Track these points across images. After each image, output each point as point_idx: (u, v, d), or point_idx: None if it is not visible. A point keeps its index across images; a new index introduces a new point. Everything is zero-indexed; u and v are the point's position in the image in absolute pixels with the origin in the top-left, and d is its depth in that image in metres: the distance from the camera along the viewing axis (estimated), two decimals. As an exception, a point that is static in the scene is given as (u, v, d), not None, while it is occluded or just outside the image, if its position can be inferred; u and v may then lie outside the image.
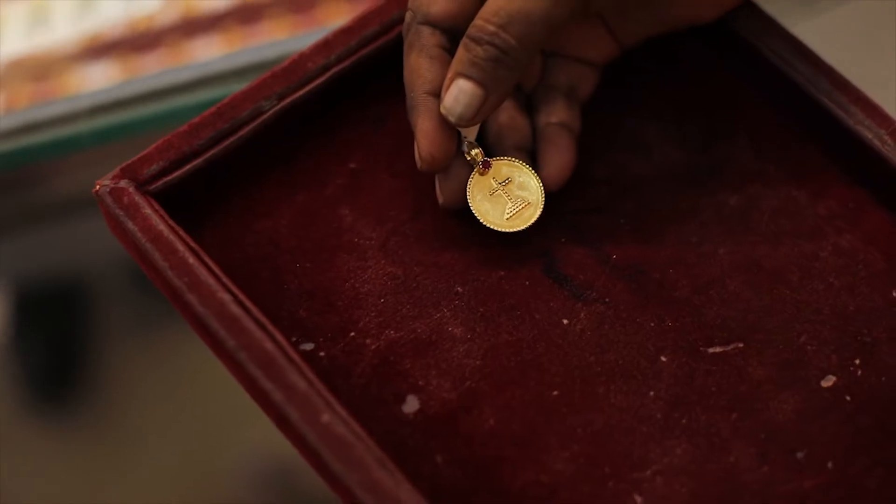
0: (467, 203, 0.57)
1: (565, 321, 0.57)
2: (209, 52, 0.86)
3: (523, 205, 0.57)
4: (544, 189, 0.58)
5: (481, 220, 0.57)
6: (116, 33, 0.87)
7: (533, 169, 0.58)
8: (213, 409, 1.35)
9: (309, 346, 0.56)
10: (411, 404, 0.55)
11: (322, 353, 0.56)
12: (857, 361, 0.56)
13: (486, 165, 0.57)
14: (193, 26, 0.88)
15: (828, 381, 0.56)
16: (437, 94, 0.56)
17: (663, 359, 0.56)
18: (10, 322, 1.42)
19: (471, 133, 0.58)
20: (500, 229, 0.57)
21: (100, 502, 1.34)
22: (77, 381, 1.40)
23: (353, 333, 0.57)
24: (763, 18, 0.62)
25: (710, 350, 0.56)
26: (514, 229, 0.57)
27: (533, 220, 0.57)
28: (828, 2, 0.84)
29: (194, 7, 0.88)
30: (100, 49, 0.87)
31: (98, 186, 0.57)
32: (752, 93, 0.62)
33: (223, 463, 1.36)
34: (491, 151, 0.59)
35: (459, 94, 0.55)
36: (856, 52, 0.77)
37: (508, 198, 0.57)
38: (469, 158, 0.57)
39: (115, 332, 1.44)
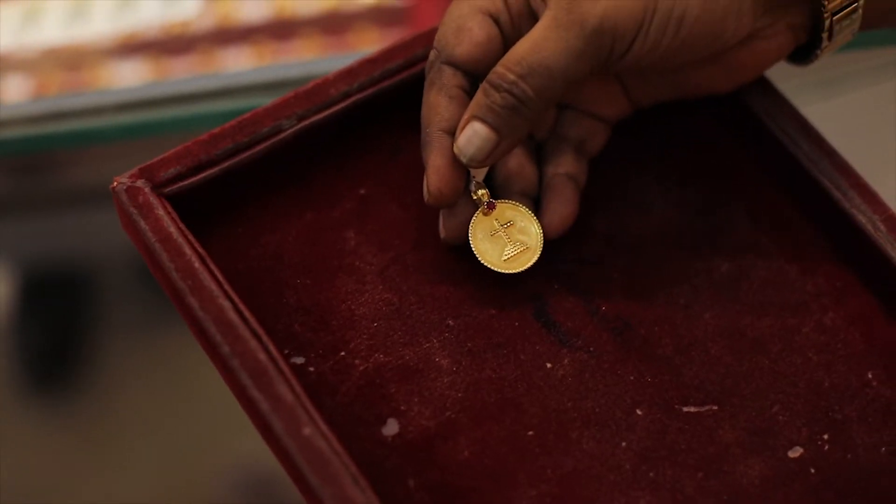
0: (468, 240, 0.59)
1: (549, 365, 0.59)
2: (239, 64, 0.88)
3: (522, 248, 0.59)
4: (544, 236, 0.60)
5: (479, 259, 0.59)
6: (152, 35, 0.89)
7: (535, 216, 0.60)
8: (204, 413, 1.36)
9: (300, 360, 0.58)
10: (391, 427, 0.57)
11: (311, 369, 0.58)
12: (826, 436, 0.58)
13: (491, 206, 0.59)
14: (227, 36, 0.90)
15: (795, 452, 0.57)
16: (451, 133, 0.58)
17: (639, 412, 0.58)
18: (15, 303, 1.44)
19: (479, 174, 0.60)
20: (496, 269, 0.59)
21: (83, 487, 1.36)
22: (74, 368, 1.42)
23: (343, 353, 0.58)
24: (774, 95, 0.64)
25: (685, 409, 0.58)
26: (510, 271, 0.59)
27: (529, 265, 0.59)
28: (843, 87, 0.86)
29: (230, 17, 0.91)
30: (134, 48, 0.89)
31: (115, 183, 0.59)
32: (756, 165, 0.64)
33: (207, 466, 1.38)
34: (497, 194, 0.61)
35: (473, 136, 0.57)
36: (863, 139, 0.79)
37: (508, 240, 0.59)
38: (475, 198, 0.59)
39: (116, 325, 1.46)
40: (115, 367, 1.45)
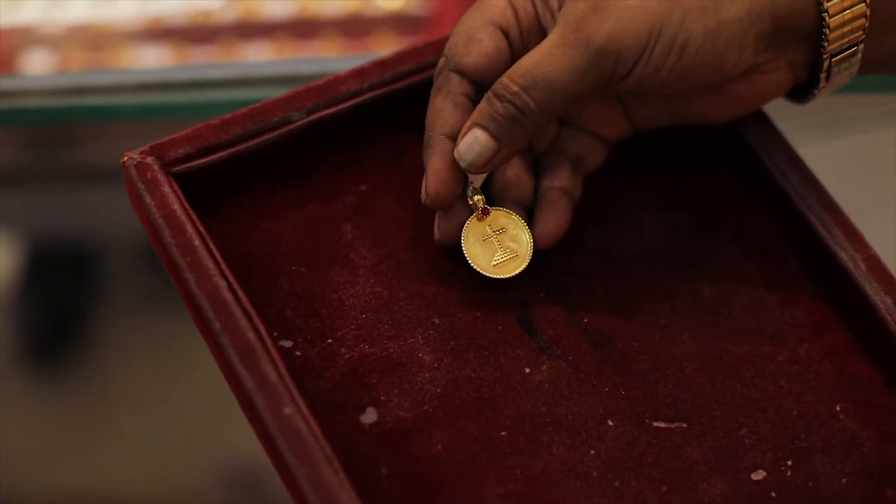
0: (460, 243, 0.61)
1: (527, 370, 0.61)
2: (258, 57, 0.90)
3: (511, 255, 0.61)
4: (534, 246, 0.62)
5: (469, 262, 0.61)
6: (176, 21, 0.92)
7: (528, 225, 0.62)
8: (198, 400, 1.38)
9: (288, 344, 0.60)
10: (370, 416, 0.59)
11: (298, 353, 0.60)
12: (790, 463, 0.60)
13: (485, 213, 0.61)
14: (249, 29, 0.92)
15: (758, 475, 0.59)
16: (453, 138, 0.60)
17: (610, 423, 0.60)
18: (19, 275, 1.46)
19: (477, 180, 0.62)
20: (485, 273, 0.61)
21: (73, 461, 1.38)
22: (73, 344, 1.44)
23: (330, 340, 0.60)
24: (770, 130, 0.66)
25: (655, 424, 0.60)
26: (498, 276, 0.61)
27: (517, 272, 0.61)
28: (844, 130, 0.88)
29: (253, 11, 0.93)
30: (158, 32, 0.91)
31: (126, 158, 0.61)
32: (747, 196, 0.66)
33: (196, 451, 1.40)
34: (492, 201, 0.62)
35: (474, 142, 0.59)
36: (858, 181, 0.81)
37: (499, 246, 0.61)
38: (471, 203, 0.61)
39: (118, 305, 1.48)
40: (115, 347, 1.47)
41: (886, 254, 0.64)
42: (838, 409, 0.61)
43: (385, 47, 0.92)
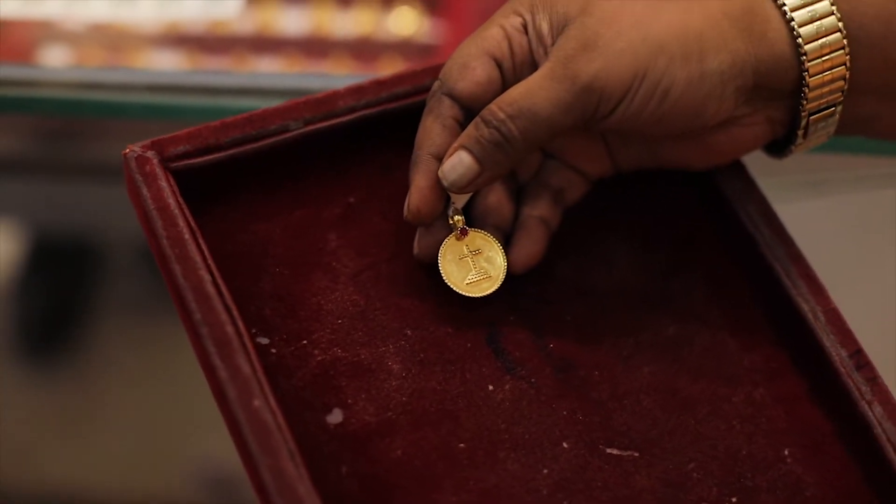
0: (438, 259, 0.64)
1: (491, 387, 0.63)
2: (268, 69, 0.93)
3: (484, 276, 0.64)
4: (508, 270, 0.64)
5: (444, 279, 0.64)
6: (193, 28, 0.95)
7: (504, 249, 0.65)
8: (183, 401, 1.40)
9: (264, 341, 0.63)
10: (336, 416, 0.61)
11: (273, 350, 0.62)
12: (734, 500, 0.62)
13: (464, 233, 0.64)
14: (263, 42, 0.95)
15: (702, 509, 0.62)
16: (439, 158, 0.62)
17: (565, 445, 0.62)
18: (20, 264, 1.48)
19: (459, 201, 0.65)
20: (457, 291, 0.63)
21: (58, 448, 1.40)
22: (68, 335, 1.46)
23: (305, 341, 0.63)
24: (746, 180, 0.68)
25: (608, 450, 0.62)
26: (469, 294, 0.64)
27: (488, 293, 0.64)
28: (829, 189, 0.90)
29: (269, 24, 0.96)
30: (174, 37, 0.94)
31: (128, 150, 0.64)
32: (718, 242, 0.69)
33: (177, 450, 1.41)
34: (472, 223, 0.65)
35: (458, 163, 0.62)
36: (836, 240, 0.84)
37: (474, 266, 0.64)
38: (451, 223, 0.64)
39: (115, 301, 1.50)
40: (107, 343, 1.49)
41: (851, 309, 0.67)
42: (786, 452, 0.64)
43: (391, 71, 0.94)
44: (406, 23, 0.98)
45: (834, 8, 0.62)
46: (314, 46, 0.96)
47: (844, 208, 0.91)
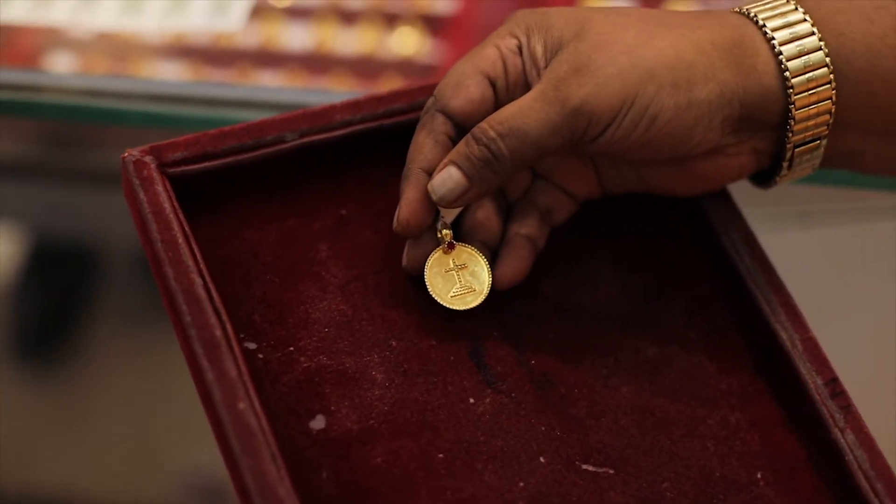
0: (424, 271, 0.65)
1: (471, 400, 0.64)
2: (270, 83, 0.95)
3: (468, 290, 0.65)
4: (493, 285, 0.66)
5: (429, 290, 0.65)
6: (197, 40, 0.96)
7: (490, 265, 0.66)
8: (172, 409, 1.41)
9: (252, 346, 0.64)
10: (318, 422, 0.63)
11: (260, 356, 0.64)
12: (706, 520, 0.63)
13: (451, 247, 0.65)
14: (266, 57, 0.97)
15: (674, 527, 0.63)
16: (430, 172, 0.64)
17: (542, 459, 0.63)
18: (19, 266, 1.50)
19: (448, 215, 0.66)
20: (441, 303, 0.65)
21: (44, 454, 1.41)
22: (63, 340, 1.47)
23: (291, 348, 0.64)
24: (731, 208, 0.70)
25: (584, 466, 0.64)
26: (453, 307, 0.65)
27: (471, 306, 0.65)
28: (815, 221, 0.92)
29: (273, 39, 0.97)
30: (179, 48, 0.96)
31: (127, 154, 0.65)
32: (701, 268, 0.70)
33: (168, 457, 1.43)
34: (460, 237, 0.66)
35: (448, 178, 0.63)
36: (819, 271, 0.85)
37: (459, 280, 0.65)
38: (439, 236, 0.65)
39: (111, 307, 1.51)
40: (102, 349, 1.50)
41: (831, 340, 0.68)
42: (759, 476, 0.65)
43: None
44: (408, 43, 1.00)
45: (822, 43, 0.64)
46: (317, 63, 0.98)
47: (829, 240, 0.92)
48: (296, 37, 0.98)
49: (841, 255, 0.93)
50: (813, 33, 0.63)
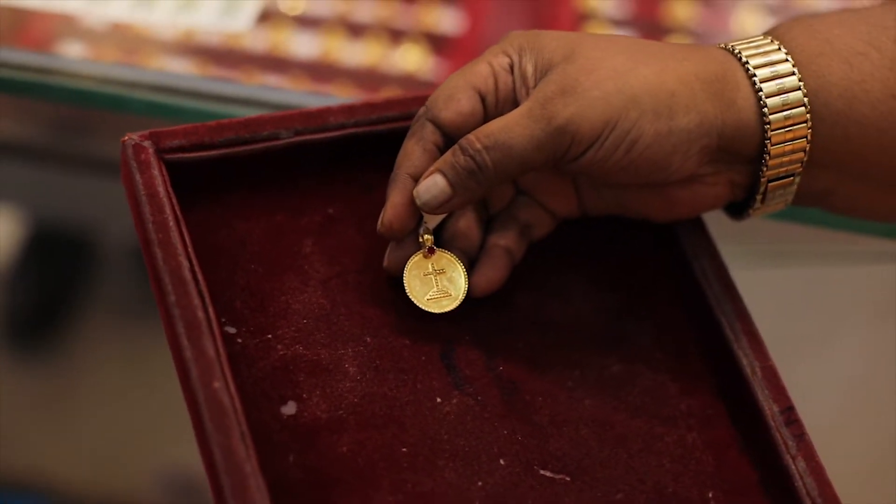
0: (403, 273, 0.68)
1: (439, 400, 0.67)
2: (273, 86, 0.97)
3: (444, 294, 0.68)
4: (469, 292, 0.68)
5: (406, 292, 0.67)
6: (205, 38, 0.99)
7: (467, 272, 0.68)
8: (157, 404, 1.43)
9: (232, 330, 0.66)
10: (290, 408, 0.65)
11: (239, 340, 0.66)
12: (656, 533, 0.66)
13: (431, 252, 0.68)
14: (272, 61, 0.99)
15: (623, 537, 0.65)
16: (416, 178, 0.66)
17: (502, 462, 0.66)
18: (17, 249, 1.52)
19: (432, 221, 0.69)
20: (417, 304, 0.67)
21: (28, 434, 1.43)
22: (55, 327, 1.49)
23: (270, 336, 0.67)
24: (704, 236, 0.72)
25: (542, 472, 0.66)
26: (428, 310, 0.67)
27: (446, 310, 0.68)
28: (789, 260, 0.94)
29: (280, 44, 1.00)
30: (187, 45, 0.99)
31: (127, 137, 0.68)
32: (672, 291, 0.73)
33: (150, 451, 1.44)
34: (441, 244, 0.69)
35: (432, 185, 0.66)
36: (791, 308, 0.88)
37: (436, 284, 0.68)
38: (421, 241, 0.68)
39: (105, 295, 1.53)
40: (92, 339, 1.52)
41: (790, 372, 0.71)
42: (710, 495, 0.67)
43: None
44: (411, 59, 1.02)
45: (801, 84, 0.66)
46: (321, 71, 1.00)
47: (800, 279, 0.95)
48: (303, 44, 1.01)
49: (811, 295, 0.95)
50: (794, 73, 0.66)
